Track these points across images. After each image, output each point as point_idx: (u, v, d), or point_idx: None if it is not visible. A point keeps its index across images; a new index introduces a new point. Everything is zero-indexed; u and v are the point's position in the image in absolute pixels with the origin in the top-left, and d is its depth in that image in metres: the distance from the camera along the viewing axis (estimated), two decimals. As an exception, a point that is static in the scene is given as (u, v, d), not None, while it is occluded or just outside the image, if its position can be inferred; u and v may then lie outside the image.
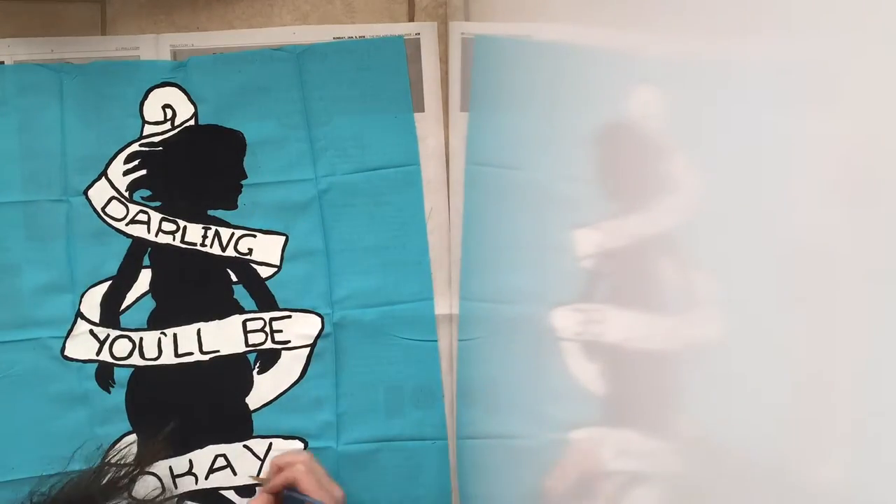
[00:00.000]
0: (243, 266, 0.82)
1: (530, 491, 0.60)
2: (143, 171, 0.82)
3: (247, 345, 0.81)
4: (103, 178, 0.81)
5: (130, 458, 0.66)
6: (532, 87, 0.60)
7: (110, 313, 0.80)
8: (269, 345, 0.81)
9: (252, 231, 0.82)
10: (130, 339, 0.80)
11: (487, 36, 0.77)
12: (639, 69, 0.39)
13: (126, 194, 0.81)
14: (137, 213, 0.81)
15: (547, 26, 0.56)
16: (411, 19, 0.84)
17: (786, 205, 0.28)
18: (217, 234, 0.81)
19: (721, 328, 0.32)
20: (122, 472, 0.65)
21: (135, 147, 0.81)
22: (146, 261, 0.81)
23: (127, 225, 0.81)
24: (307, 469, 0.72)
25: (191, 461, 0.80)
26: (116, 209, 0.81)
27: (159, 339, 0.80)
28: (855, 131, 0.24)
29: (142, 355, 0.80)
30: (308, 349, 0.81)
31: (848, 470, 0.24)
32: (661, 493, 0.37)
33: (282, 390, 0.81)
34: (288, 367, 0.81)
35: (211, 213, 0.82)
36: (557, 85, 0.53)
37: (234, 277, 0.81)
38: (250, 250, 0.81)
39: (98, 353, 0.80)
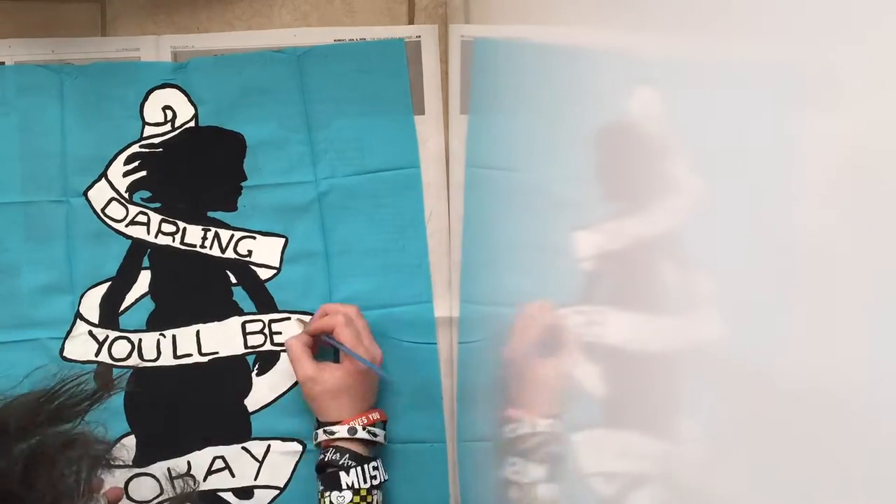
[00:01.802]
0: (243, 268, 0.82)
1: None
2: (143, 173, 0.82)
3: (246, 346, 0.81)
4: (103, 179, 0.81)
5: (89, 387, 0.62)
6: (532, 90, 0.60)
7: (109, 314, 0.80)
8: (268, 347, 0.81)
9: (252, 233, 0.82)
10: (129, 341, 0.80)
11: (487, 38, 0.77)
12: (638, 70, 0.39)
13: (126, 195, 0.81)
14: (137, 215, 0.81)
15: (546, 28, 0.56)
16: (411, 20, 0.84)
17: (785, 205, 0.28)
18: (217, 235, 0.81)
19: (721, 329, 0.32)
20: (81, 395, 0.61)
21: (135, 148, 0.81)
22: (146, 262, 0.81)
23: (126, 226, 0.81)
24: (346, 321, 0.75)
25: (189, 463, 0.80)
26: (116, 210, 0.81)
27: (158, 341, 0.80)
28: (855, 131, 0.24)
29: (141, 356, 0.80)
30: (307, 351, 0.81)
31: (850, 468, 0.24)
32: (662, 494, 0.37)
33: (280, 392, 0.81)
34: (287, 370, 0.81)
35: (211, 214, 0.82)
36: (557, 87, 0.53)
37: (233, 279, 0.81)
38: (250, 252, 0.81)
39: (97, 354, 0.80)
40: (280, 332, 0.81)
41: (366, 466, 0.73)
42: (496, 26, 0.74)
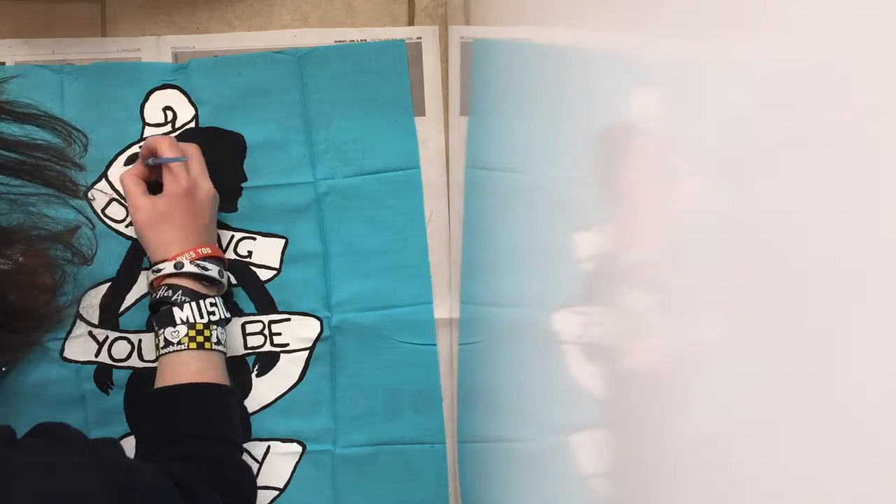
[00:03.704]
0: (243, 268, 0.82)
1: (533, 494, 0.59)
2: (143, 173, 0.81)
3: (245, 347, 0.81)
4: (103, 179, 0.81)
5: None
6: (531, 91, 0.60)
7: (109, 315, 0.80)
8: (267, 347, 0.81)
9: (252, 234, 0.82)
10: (129, 341, 0.80)
11: (487, 39, 0.77)
12: (639, 71, 0.40)
13: (126, 196, 0.81)
14: (137, 215, 0.81)
15: (546, 29, 0.56)
16: (411, 20, 0.84)
17: (786, 205, 0.28)
18: (217, 236, 0.81)
19: (723, 329, 0.32)
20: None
21: (135, 149, 0.81)
22: (146, 263, 0.81)
23: (127, 227, 0.81)
24: (170, 142, 0.75)
25: (189, 464, 0.80)
26: (116, 211, 0.81)
27: (158, 341, 0.80)
28: (855, 131, 0.24)
29: (140, 357, 0.80)
30: (307, 352, 0.81)
31: (849, 469, 0.24)
32: (663, 494, 0.37)
33: (280, 393, 0.81)
34: (286, 370, 0.81)
35: (211, 215, 0.82)
36: (557, 88, 0.53)
37: (233, 280, 0.81)
38: (250, 253, 0.81)
39: (97, 355, 0.80)
40: (280, 333, 0.81)
41: (202, 302, 0.72)
42: (496, 27, 0.74)
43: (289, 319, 0.81)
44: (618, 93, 0.42)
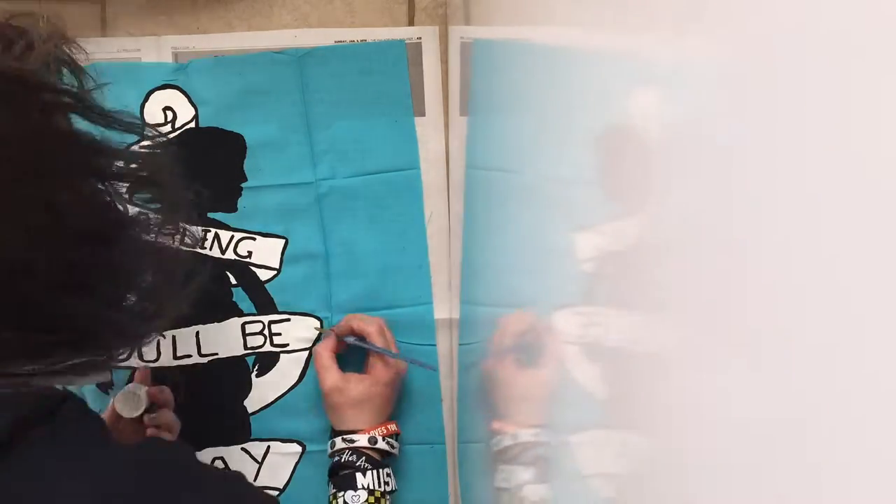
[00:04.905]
0: (243, 269, 0.82)
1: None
2: (144, 174, 0.81)
3: (245, 347, 0.81)
4: (103, 179, 0.81)
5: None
6: (531, 91, 0.60)
7: (109, 315, 0.80)
8: (267, 348, 0.81)
9: (252, 234, 0.82)
10: (129, 341, 0.80)
11: (487, 39, 0.77)
12: (638, 71, 0.40)
13: (126, 196, 0.81)
14: (137, 215, 0.81)
15: (545, 30, 0.56)
16: (411, 20, 0.84)
17: (785, 205, 0.28)
18: (217, 236, 0.81)
19: (721, 329, 0.32)
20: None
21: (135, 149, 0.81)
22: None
23: (126, 227, 0.81)
24: (379, 329, 0.76)
25: (188, 464, 0.80)
26: (116, 211, 0.81)
27: (158, 341, 0.80)
28: (855, 131, 0.24)
29: (140, 357, 0.80)
30: (307, 352, 0.81)
31: (849, 470, 0.24)
32: (661, 493, 0.37)
33: (280, 393, 0.81)
34: (286, 371, 0.81)
35: (211, 215, 0.82)
36: (557, 88, 0.53)
37: (233, 280, 0.81)
38: (250, 253, 0.81)
39: (96, 355, 0.80)
40: (280, 334, 0.81)
41: (380, 471, 0.74)
42: (496, 27, 0.74)
43: (289, 319, 0.81)
44: (618, 93, 0.42)
